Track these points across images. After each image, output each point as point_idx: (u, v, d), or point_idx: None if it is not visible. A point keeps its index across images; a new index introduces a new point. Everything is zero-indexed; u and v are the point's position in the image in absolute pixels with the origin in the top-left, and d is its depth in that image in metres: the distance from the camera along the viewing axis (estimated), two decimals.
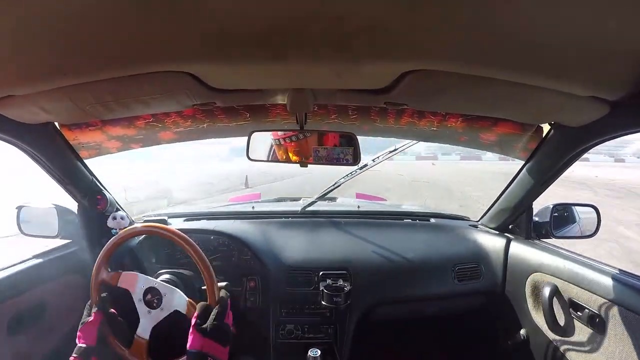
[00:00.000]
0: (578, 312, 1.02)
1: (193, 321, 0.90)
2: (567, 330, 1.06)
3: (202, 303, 0.96)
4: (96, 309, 0.99)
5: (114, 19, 0.50)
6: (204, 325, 0.88)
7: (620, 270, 0.97)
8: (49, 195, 1.49)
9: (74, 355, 0.92)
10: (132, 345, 1.00)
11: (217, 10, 0.48)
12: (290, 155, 1.11)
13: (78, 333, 0.95)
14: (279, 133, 1.11)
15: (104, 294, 1.03)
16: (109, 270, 1.05)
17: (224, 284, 1.10)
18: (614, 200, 9.10)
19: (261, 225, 1.51)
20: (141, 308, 1.01)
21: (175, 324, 1.00)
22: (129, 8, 0.47)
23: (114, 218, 1.28)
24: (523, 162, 1.24)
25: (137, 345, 1.00)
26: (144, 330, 1.00)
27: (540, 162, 1.16)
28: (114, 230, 1.28)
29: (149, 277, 1.05)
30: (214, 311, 0.91)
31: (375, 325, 1.41)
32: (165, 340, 1.03)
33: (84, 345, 0.93)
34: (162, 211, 1.80)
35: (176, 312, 1.00)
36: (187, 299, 1.00)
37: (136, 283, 1.02)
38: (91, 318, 0.97)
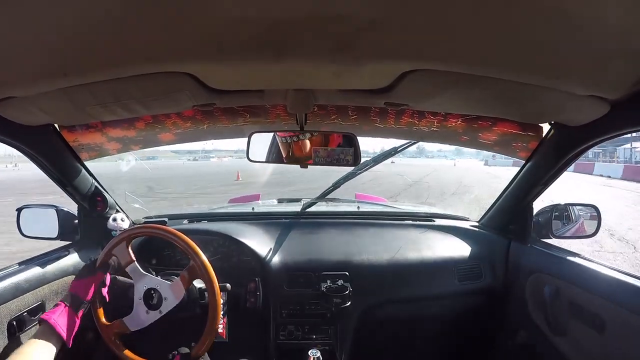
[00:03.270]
0: (578, 313, 1.02)
1: None
2: (567, 331, 1.06)
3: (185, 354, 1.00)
4: (100, 270, 1.01)
5: (114, 20, 0.50)
6: None
7: (620, 270, 0.97)
8: None
9: (62, 301, 0.92)
10: (112, 322, 1.03)
11: (217, 11, 0.48)
12: (291, 156, 1.11)
13: (72, 282, 0.95)
14: (281, 132, 1.11)
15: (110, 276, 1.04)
16: (131, 251, 1.06)
17: (224, 285, 1.11)
18: None
19: (261, 226, 1.51)
20: (140, 307, 1.02)
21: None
22: (129, 9, 0.47)
23: (114, 220, 1.28)
24: (523, 162, 1.24)
25: (116, 326, 1.03)
26: (134, 323, 1.02)
27: (540, 161, 1.16)
28: (114, 232, 1.28)
29: (154, 277, 1.06)
30: None
31: (375, 325, 1.40)
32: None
33: (77, 295, 0.93)
34: (163, 212, 1.80)
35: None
36: (177, 279, 1.03)
37: (142, 280, 1.03)
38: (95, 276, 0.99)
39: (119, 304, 1.07)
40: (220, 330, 1.15)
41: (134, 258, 1.05)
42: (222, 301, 1.12)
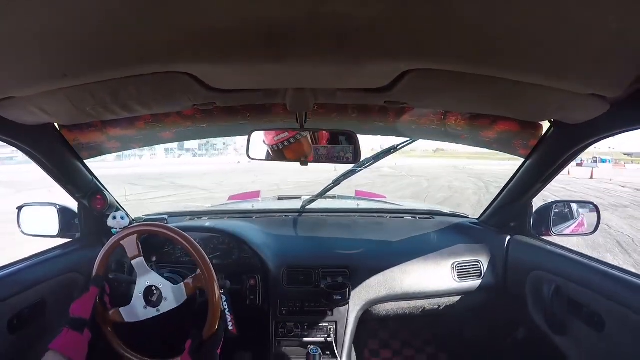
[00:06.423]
0: (578, 310, 1.03)
1: (188, 346, 0.93)
2: (566, 329, 1.07)
3: (196, 332, 0.97)
4: (93, 284, 0.99)
5: (114, 20, 0.50)
6: (197, 354, 0.92)
7: (620, 268, 0.98)
8: None
9: (66, 326, 0.91)
10: (112, 313, 1.01)
11: (217, 11, 0.48)
12: (291, 154, 1.11)
13: (72, 305, 0.94)
14: (276, 138, 1.10)
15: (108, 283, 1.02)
16: (139, 245, 1.04)
17: (224, 282, 1.11)
18: None
19: (261, 223, 1.51)
20: (138, 301, 1.01)
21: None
22: (129, 9, 0.47)
23: (114, 217, 1.29)
24: (523, 160, 1.24)
25: (113, 316, 1.00)
26: (129, 315, 1.00)
27: (540, 159, 1.16)
28: (114, 230, 1.28)
29: (158, 275, 1.03)
30: (209, 343, 0.94)
31: (375, 323, 1.42)
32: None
33: (77, 316, 0.93)
34: (162, 210, 1.80)
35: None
36: (181, 283, 1.00)
37: (146, 275, 1.02)
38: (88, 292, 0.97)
39: (118, 295, 1.06)
40: (230, 328, 1.15)
41: (141, 253, 1.03)
42: (224, 298, 1.12)
